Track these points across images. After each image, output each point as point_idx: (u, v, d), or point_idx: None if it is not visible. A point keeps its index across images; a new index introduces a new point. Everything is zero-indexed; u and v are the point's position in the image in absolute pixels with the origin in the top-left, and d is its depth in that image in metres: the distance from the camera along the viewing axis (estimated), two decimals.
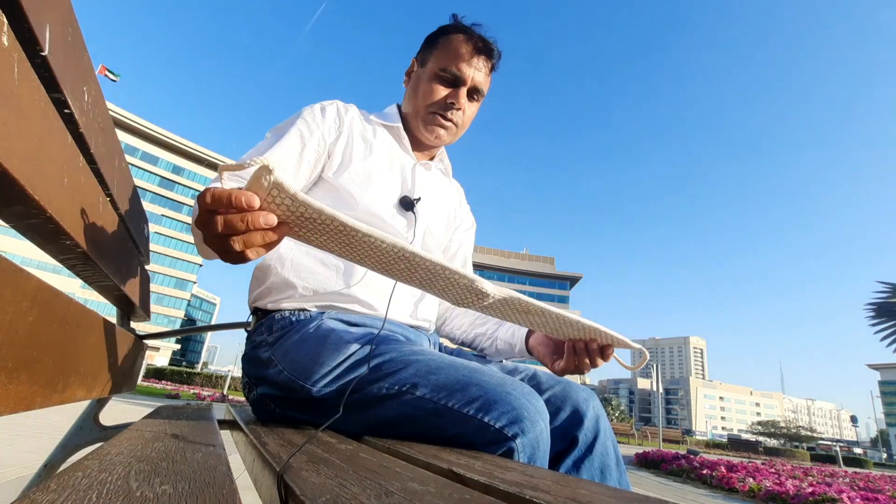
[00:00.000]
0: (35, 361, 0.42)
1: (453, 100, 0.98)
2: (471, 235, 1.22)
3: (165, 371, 21.02)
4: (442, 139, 1.04)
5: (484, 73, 1.00)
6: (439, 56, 0.99)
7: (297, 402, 0.79)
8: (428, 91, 0.99)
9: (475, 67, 0.98)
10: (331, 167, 0.95)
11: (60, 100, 0.45)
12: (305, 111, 0.96)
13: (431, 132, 1.02)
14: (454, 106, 0.99)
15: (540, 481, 0.41)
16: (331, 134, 0.96)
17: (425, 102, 1.00)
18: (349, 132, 0.98)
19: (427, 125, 1.01)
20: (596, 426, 0.77)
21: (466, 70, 0.97)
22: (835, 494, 4.79)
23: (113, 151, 0.72)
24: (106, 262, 0.65)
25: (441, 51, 0.99)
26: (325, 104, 1.00)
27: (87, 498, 0.25)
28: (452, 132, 1.04)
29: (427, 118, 1.01)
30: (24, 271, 0.38)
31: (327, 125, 0.96)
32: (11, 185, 0.35)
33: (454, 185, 1.20)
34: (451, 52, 0.98)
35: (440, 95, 0.99)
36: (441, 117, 1.00)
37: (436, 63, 0.99)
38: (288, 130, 0.92)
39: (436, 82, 0.99)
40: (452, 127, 1.02)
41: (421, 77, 1.02)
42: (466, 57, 0.97)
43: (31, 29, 0.36)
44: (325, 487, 0.32)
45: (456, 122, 1.02)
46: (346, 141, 0.97)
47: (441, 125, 1.01)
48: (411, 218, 0.98)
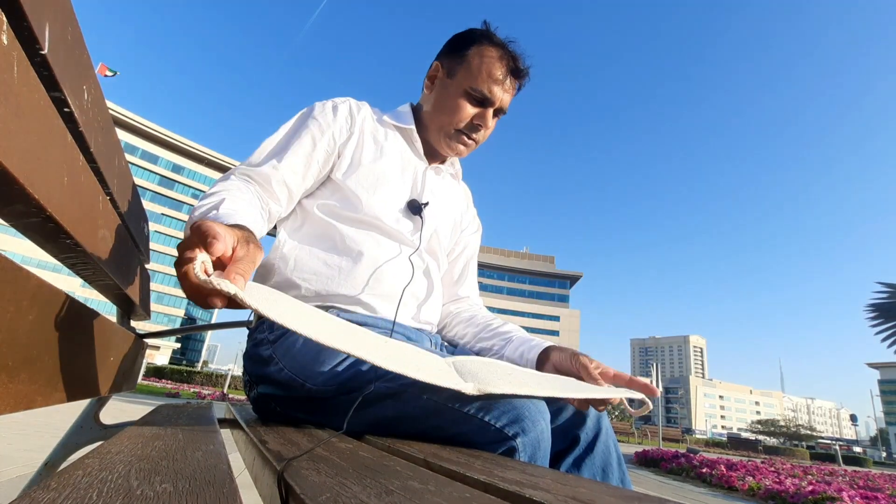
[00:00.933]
0: (35, 360, 0.42)
1: (480, 122, 0.97)
2: (476, 238, 1.22)
3: (166, 370, 21.05)
4: (461, 155, 1.04)
5: (511, 94, 0.98)
6: (469, 72, 0.95)
7: (298, 400, 0.79)
8: (455, 109, 0.96)
9: (504, 89, 0.96)
10: (340, 168, 0.94)
11: (60, 98, 0.45)
12: (317, 109, 0.95)
13: (453, 149, 1.01)
14: (480, 128, 0.98)
15: (540, 480, 0.41)
16: (342, 134, 0.95)
17: (452, 120, 0.97)
18: (360, 132, 0.97)
19: (451, 142, 1.00)
20: (597, 425, 0.77)
21: (497, 92, 0.95)
22: (834, 493, 4.80)
23: (113, 150, 0.71)
24: (106, 261, 0.65)
25: (472, 66, 0.95)
26: (338, 102, 0.98)
27: (87, 496, 0.25)
28: (472, 148, 1.03)
29: (452, 136, 0.99)
30: (25, 270, 0.38)
31: (338, 125, 0.95)
32: (11, 184, 0.35)
33: (462, 188, 1.19)
34: (483, 71, 0.94)
35: (468, 116, 0.96)
36: (466, 137, 0.99)
37: (466, 79, 0.95)
38: (299, 131, 0.91)
39: (464, 100, 0.96)
40: (474, 145, 1.02)
41: (448, 90, 0.98)
42: (499, 79, 0.94)
43: (30, 27, 0.36)
44: (325, 486, 0.32)
45: (478, 141, 1.01)
46: (356, 142, 0.96)
47: (464, 143, 1.00)
48: (418, 222, 0.98)
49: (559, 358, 0.85)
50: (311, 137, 0.91)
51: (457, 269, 1.17)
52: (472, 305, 1.15)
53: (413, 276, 0.93)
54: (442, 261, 1.08)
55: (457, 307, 1.14)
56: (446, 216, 1.07)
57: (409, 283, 0.92)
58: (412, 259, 0.94)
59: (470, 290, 1.18)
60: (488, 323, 1.05)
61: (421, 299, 0.97)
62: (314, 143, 0.91)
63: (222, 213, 0.66)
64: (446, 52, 1.01)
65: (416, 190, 1.00)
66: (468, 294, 1.17)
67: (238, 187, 0.81)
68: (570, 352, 0.85)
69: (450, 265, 1.16)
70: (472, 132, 0.98)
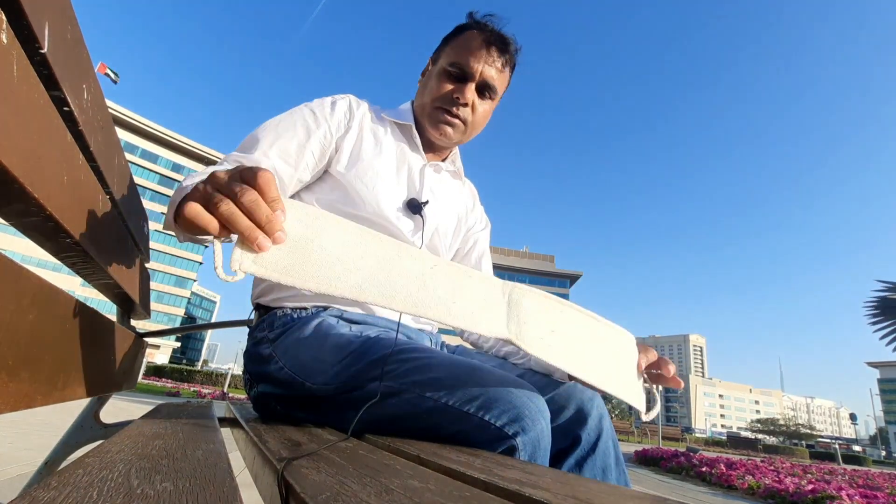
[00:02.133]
0: (35, 359, 0.42)
1: (458, 94, 0.93)
2: (485, 235, 1.20)
3: (166, 369, 21.08)
4: (450, 137, 0.99)
5: (496, 67, 0.94)
6: (449, 52, 0.95)
7: (298, 399, 0.79)
8: (434, 87, 0.96)
9: (485, 62, 0.93)
10: (338, 161, 0.92)
11: (60, 97, 0.45)
12: (315, 102, 0.94)
13: (437, 129, 0.98)
14: (459, 101, 0.94)
15: (539, 479, 0.41)
16: (339, 128, 0.94)
17: (431, 98, 0.96)
18: (360, 127, 0.96)
19: (433, 122, 0.98)
20: (599, 425, 0.77)
21: (475, 64, 0.92)
22: (834, 492, 4.80)
23: (112, 149, 0.71)
24: (106, 260, 0.65)
25: (452, 47, 0.96)
26: (337, 98, 0.97)
27: (87, 495, 0.25)
28: (461, 130, 0.99)
29: (433, 114, 0.97)
30: (25, 269, 0.38)
31: (336, 119, 0.93)
32: (11, 183, 0.35)
33: (467, 186, 1.17)
34: (460, 46, 0.94)
35: (446, 90, 0.94)
36: (447, 113, 0.96)
37: (446, 59, 0.95)
38: (292, 120, 0.89)
39: (443, 78, 0.95)
40: (460, 124, 0.97)
41: (431, 74, 0.99)
42: (476, 50, 0.92)
43: (30, 26, 0.36)
44: (325, 485, 0.32)
45: (463, 119, 0.97)
46: (355, 136, 0.95)
47: (447, 122, 0.96)
48: (419, 221, 0.96)
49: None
50: (306, 127, 0.89)
51: (470, 265, 1.15)
52: None
53: None
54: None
55: None
56: (448, 214, 1.05)
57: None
58: None
59: None
60: None
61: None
62: (308, 133, 0.89)
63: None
64: (436, 49, 1.02)
65: (415, 188, 0.99)
66: None
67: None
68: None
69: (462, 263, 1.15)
70: (451, 106, 0.95)
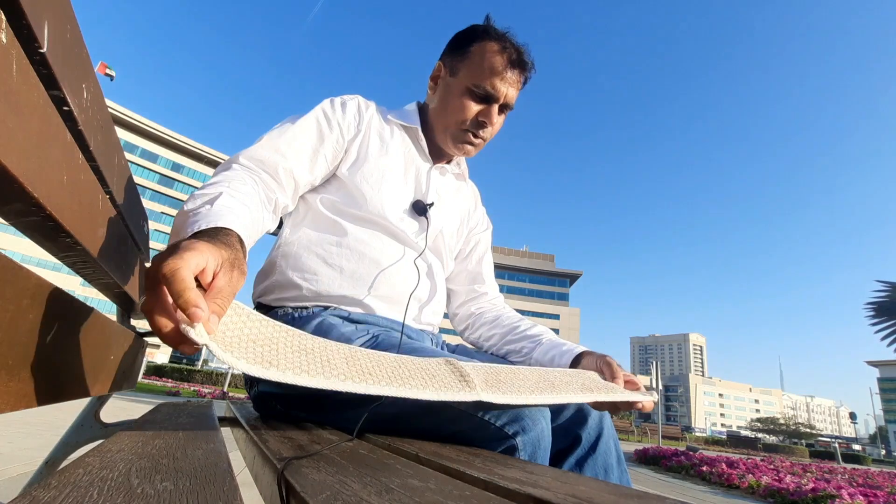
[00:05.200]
0: (36, 359, 0.42)
1: (485, 118, 0.94)
2: (487, 237, 1.20)
3: (166, 368, 21.07)
4: (469, 154, 1.02)
5: (516, 88, 0.95)
6: (471, 69, 0.93)
7: (298, 398, 0.79)
8: (459, 108, 0.94)
9: (508, 83, 0.93)
10: (346, 163, 0.93)
11: (59, 97, 0.45)
12: (325, 105, 0.94)
13: (460, 149, 0.99)
14: (485, 125, 0.95)
15: (540, 478, 0.41)
16: (349, 130, 0.94)
17: (456, 119, 0.95)
18: (367, 129, 0.96)
19: (457, 141, 0.98)
20: (600, 425, 0.77)
21: (500, 86, 0.92)
22: (834, 491, 4.80)
23: (112, 149, 0.71)
24: (106, 260, 0.65)
25: (474, 63, 0.93)
26: (346, 99, 0.97)
27: (87, 495, 0.25)
28: (480, 147, 1.01)
29: (457, 135, 0.97)
30: (25, 269, 0.38)
31: (347, 121, 0.94)
32: (10, 183, 0.35)
33: (469, 188, 1.17)
34: (484, 66, 0.92)
35: (472, 113, 0.94)
36: (472, 135, 0.97)
37: (468, 77, 0.93)
38: (307, 124, 0.90)
39: (467, 98, 0.94)
40: (481, 143, 0.99)
41: (451, 89, 0.96)
42: (500, 72, 0.91)
43: (29, 26, 0.36)
44: (325, 484, 0.32)
45: (485, 138, 0.99)
46: (364, 138, 0.95)
47: (472, 143, 0.98)
48: (423, 223, 0.97)
49: (588, 363, 0.86)
50: (320, 131, 0.90)
51: (471, 266, 1.16)
52: (494, 304, 1.14)
53: (419, 281, 0.93)
54: (447, 262, 1.07)
55: (478, 307, 1.13)
56: (452, 217, 1.05)
57: (415, 288, 0.91)
58: (417, 263, 0.94)
59: (488, 286, 1.16)
60: (515, 325, 1.03)
61: (423, 301, 0.96)
62: (322, 137, 0.90)
63: (216, 210, 0.61)
64: (449, 51, 0.99)
65: (421, 190, 0.99)
66: (486, 290, 1.15)
67: (240, 178, 0.76)
68: (599, 355, 0.86)
69: (463, 264, 1.16)
70: (478, 129, 0.96)
